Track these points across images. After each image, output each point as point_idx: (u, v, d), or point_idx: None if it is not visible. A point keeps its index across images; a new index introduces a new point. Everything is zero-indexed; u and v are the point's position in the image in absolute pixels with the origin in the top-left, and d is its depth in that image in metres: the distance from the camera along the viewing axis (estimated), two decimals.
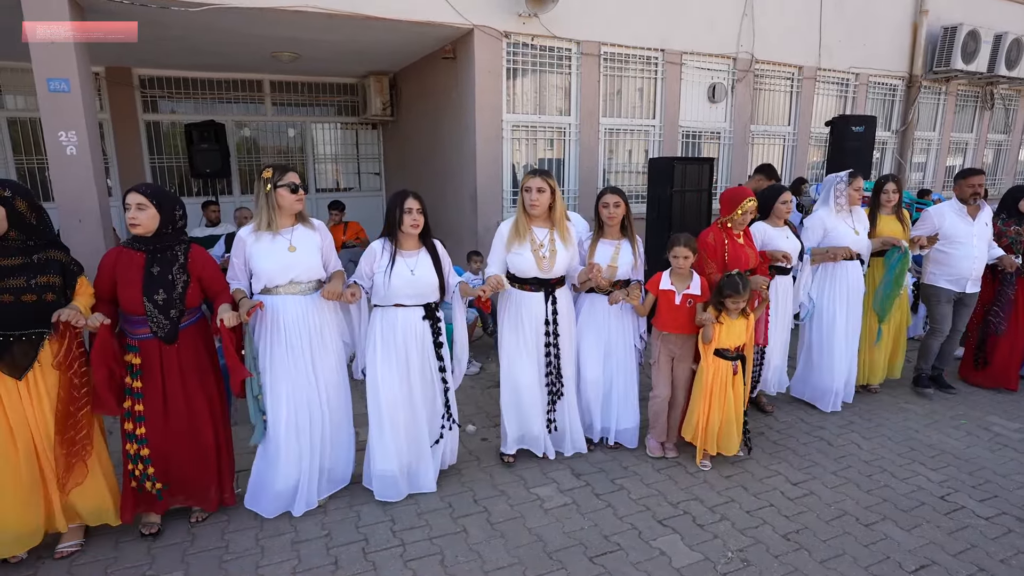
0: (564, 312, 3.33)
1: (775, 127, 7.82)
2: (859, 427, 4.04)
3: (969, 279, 4.34)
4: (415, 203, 2.92)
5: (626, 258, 3.40)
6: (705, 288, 3.39)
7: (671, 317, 3.40)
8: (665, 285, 3.41)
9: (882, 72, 8.38)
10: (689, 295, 3.37)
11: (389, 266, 2.91)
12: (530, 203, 3.14)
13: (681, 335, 3.42)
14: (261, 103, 8.37)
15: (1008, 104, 10.02)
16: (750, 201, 3.53)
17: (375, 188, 9.33)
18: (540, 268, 3.18)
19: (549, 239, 3.20)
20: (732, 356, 3.33)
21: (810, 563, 2.68)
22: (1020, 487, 3.32)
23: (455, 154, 6.48)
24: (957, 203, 4.40)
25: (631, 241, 3.44)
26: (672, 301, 3.38)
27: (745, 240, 3.67)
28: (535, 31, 5.95)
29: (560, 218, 3.23)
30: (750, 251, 3.65)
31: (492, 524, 2.93)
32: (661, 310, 3.44)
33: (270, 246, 2.81)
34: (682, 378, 3.50)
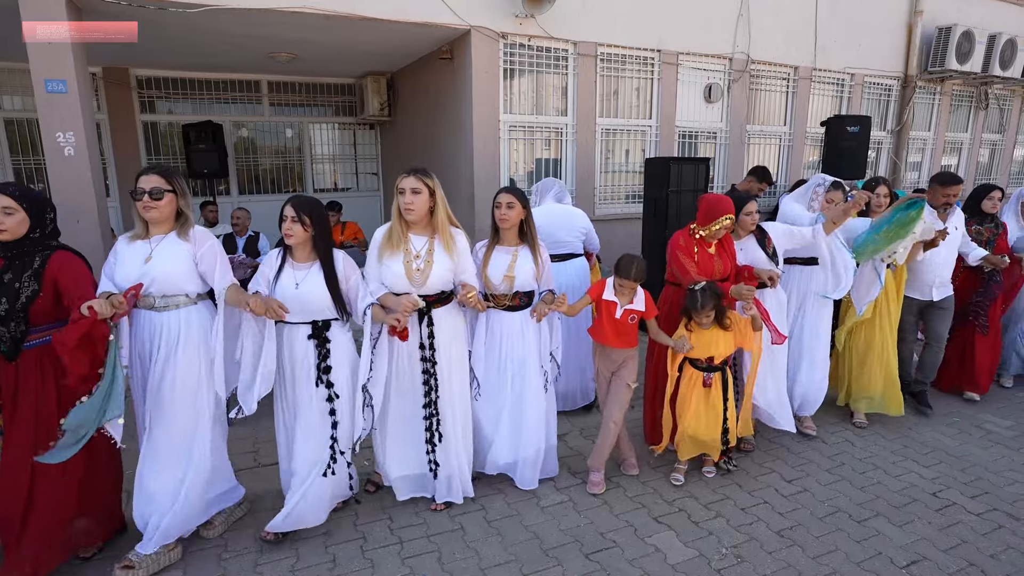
0: (446, 334, 2.90)
1: (771, 127, 7.86)
2: (852, 425, 4.07)
3: (933, 286, 4.14)
4: (291, 210, 2.59)
5: (525, 266, 3.04)
6: (650, 303, 3.17)
7: (612, 329, 3.14)
8: (609, 295, 3.15)
9: (877, 72, 8.42)
10: (632, 310, 3.12)
11: (275, 276, 2.67)
12: (404, 206, 2.75)
13: (620, 349, 3.18)
14: (259, 103, 8.38)
15: (1002, 104, 10.08)
16: (727, 219, 3.23)
17: (373, 188, 9.35)
18: (411, 281, 2.77)
19: (427, 248, 2.80)
20: (704, 366, 3.18)
21: (803, 559, 2.71)
22: (1011, 484, 3.36)
23: (452, 155, 6.51)
24: (929, 208, 4.05)
25: (532, 247, 3.08)
26: (613, 313, 3.12)
27: (718, 250, 3.37)
28: (532, 32, 5.98)
29: (442, 224, 2.82)
30: (721, 262, 3.34)
31: (489, 522, 2.96)
32: (601, 321, 3.19)
33: (130, 255, 2.52)
34: (617, 394, 3.23)
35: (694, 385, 3.21)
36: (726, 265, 3.35)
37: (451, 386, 2.96)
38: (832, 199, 3.83)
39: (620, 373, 3.22)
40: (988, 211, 4.36)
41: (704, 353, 3.16)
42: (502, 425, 3.15)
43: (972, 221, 4.37)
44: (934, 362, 4.31)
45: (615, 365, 3.22)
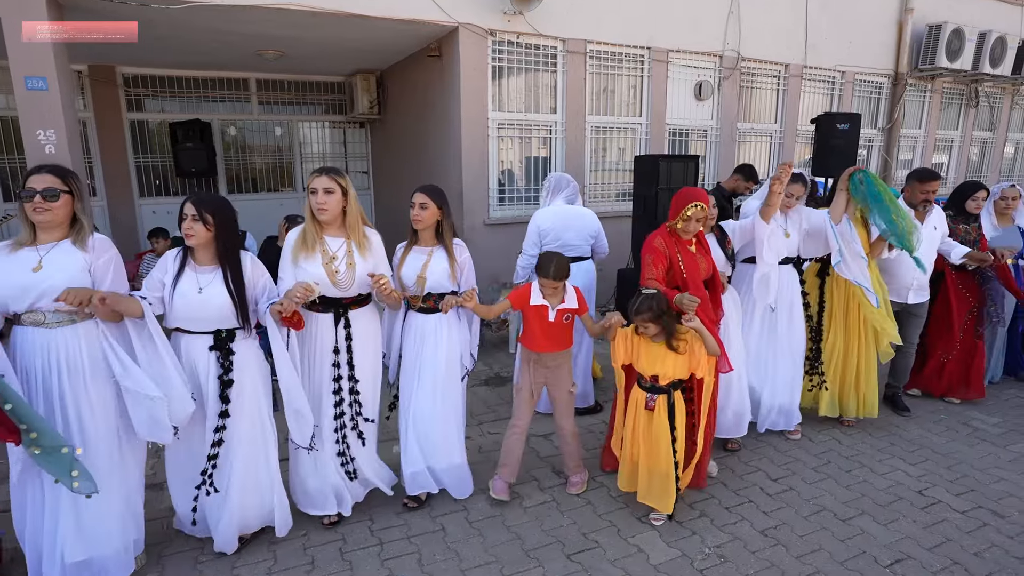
0: (363, 337, 2.83)
1: (762, 125, 7.85)
2: (838, 423, 4.05)
3: (911, 288, 4.02)
4: (191, 208, 2.40)
5: (438, 268, 2.93)
6: (581, 299, 3.06)
7: (544, 335, 3.00)
8: (536, 300, 2.99)
9: (868, 70, 8.42)
10: (565, 309, 3.00)
11: (174, 281, 2.47)
12: (317, 207, 2.65)
13: (556, 353, 3.04)
14: (247, 102, 8.31)
15: (992, 102, 10.09)
16: (694, 207, 3.00)
17: (363, 187, 9.29)
18: (335, 284, 2.69)
19: (346, 250, 2.72)
20: (648, 386, 2.89)
21: (787, 558, 2.69)
22: (996, 481, 3.35)
23: (441, 153, 6.47)
24: (905, 205, 3.96)
25: (447, 249, 2.97)
26: (545, 317, 2.97)
27: (698, 248, 3.17)
28: (520, 29, 5.94)
29: (354, 225, 2.74)
30: (704, 260, 3.16)
31: (471, 523, 2.93)
32: (532, 328, 3.03)
33: (13, 265, 2.24)
34: (562, 402, 3.11)
35: (638, 406, 2.93)
36: (708, 263, 3.19)
37: (367, 390, 2.89)
38: (792, 192, 3.65)
39: (556, 380, 3.08)
40: (972, 212, 4.25)
41: (648, 370, 2.87)
42: (411, 432, 3.01)
43: (958, 220, 4.28)
44: (905, 366, 4.23)
45: (549, 371, 3.07)
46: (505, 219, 6.27)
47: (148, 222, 7.30)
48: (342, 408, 2.81)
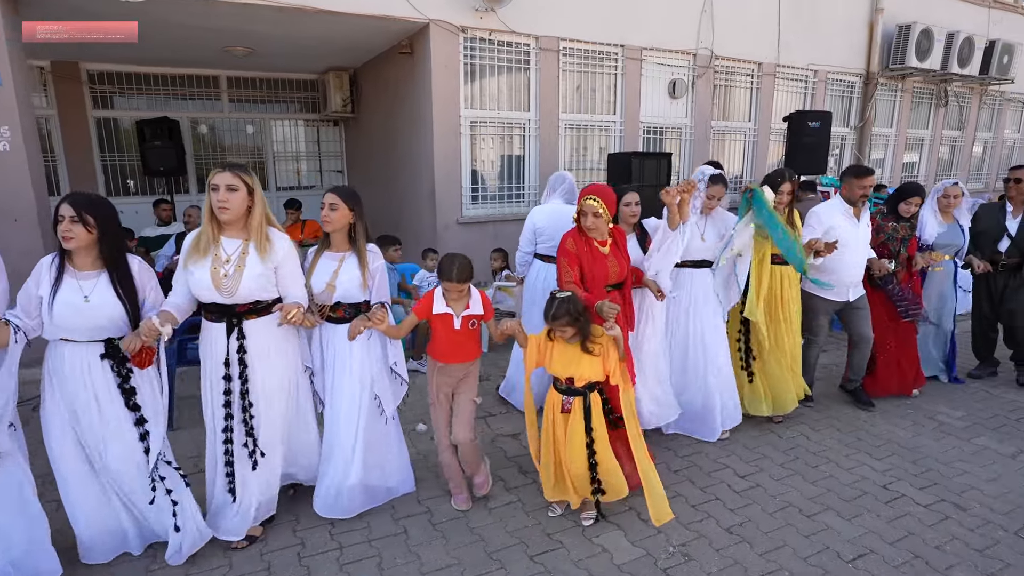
0: (263, 352, 2.57)
1: (736, 123, 7.89)
2: (808, 418, 4.07)
3: (851, 286, 4.00)
4: (69, 209, 2.23)
5: (348, 275, 2.72)
6: (487, 303, 2.87)
7: (451, 344, 2.83)
8: (440, 308, 2.81)
9: (840, 69, 8.51)
10: (471, 316, 2.82)
11: (52, 290, 2.28)
12: (218, 205, 2.41)
13: (463, 364, 2.89)
14: (218, 99, 8.18)
15: (961, 101, 10.26)
16: (586, 200, 2.93)
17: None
18: (219, 290, 2.44)
19: (239, 252, 2.48)
20: (564, 388, 2.80)
21: (750, 556, 2.68)
22: (960, 474, 3.38)
23: (413, 151, 6.40)
24: (843, 203, 3.96)
25: (359, 255, 2.76)
26: (451, 325, 2.80)
27: (613, 250, 3.05)
28: (492, 26, 5.90)
29: (258, 226, 2.50)
30: (616, 263, 3.03)
31: (434, 525, 2.88)
32: (438, 337, 2.85)
33: None
34: (463, 412, 2.92)
35: (554, 410, 2.82)
36: (621, 267, 3.06)
37: (269, 408, 2.63)
38: (713, 195, 3.60)
39: (461, 389, 2.92)
40: (903, 214, 4.17)
41: (563, 372, 2.77)
42: (335, 451, 2.85)
43: (888, 218, 4.22)
44: (862, 361, 4.20)
45: (455, 381, 2.91)
46: (479, 218, 6.23)
47: None
48: (228, 424, 2.56)
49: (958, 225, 4.42)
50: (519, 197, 6.54)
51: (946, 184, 4.39)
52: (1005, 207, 4.58)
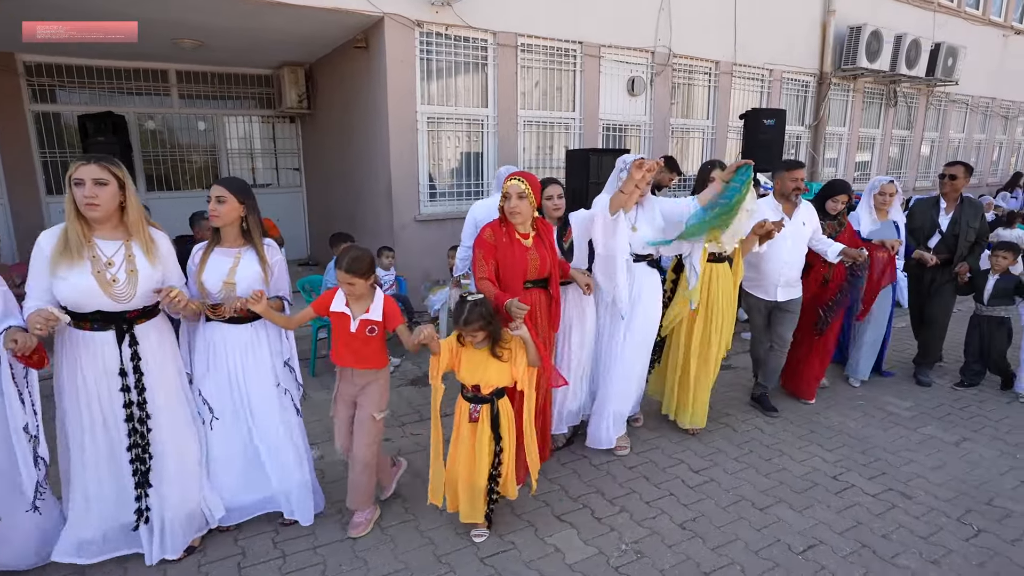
0: (156, 357, 2.42)
1: (694, 120, 7.96)
2: (762, 411, 4.10)
3: (778, 285, 3.84)
4: None
5: (248, 271, 2.57)
6: (391, 309, 2.65)
7: (347, 347, 2.64)
8: (339, 307, 2.62)
9: (795, 68, 8.67)
10: (369, 321, 2.61)
11: None
12: (86, 201, 2.20)
13: (363, 371, 2.67)
14: (167, 94, 7.87)
15: (910, 102, 10.58)
16: (514, 180, 2.79)
17: (295, 184, 8.97)
18: (111, 297, 2.26)
19: (124, 255, 2.29)
20: (471, 396, 2.65)
21: (702, 551, 2.67)
22: (907, 463, 3.44)
23: (369, 148, 6.27)
24: (773, 200, 3.87)
25: (257, 249, 2.62)
26: (347, 327, 2.61)
27: (536, 243, 2.90)
28: (449, 21, 5.81)
29: (139, 225, 2.32)
30: (537, 256, 2.87)
31: (383, 528, 2.80)
32: (336, 338, 2.66)
33: None
34: (363, 426, 2.69)
35: (462, 418, 2.68)
36: (544, 261, 2.90)
37: (171, 415, 2.50)
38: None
39: (363, 400, 2.70)
40: (829, 211, 4.12)
41: (471, 378, 2.63)
42: (236, 461, 2.70)
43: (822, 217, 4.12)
44: (776, 366, 4.09)
45: (357, 390, 2.70)
46: (436, 215, 6.13)
47: (57, 221, 6.80)
48: (134, 437, 2.40)
49: (892, 222, 4.42)
50: (478, 194, 6.46)
51: (882, 181, 4.39)
52: (939, 203, 4.63)
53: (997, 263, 4.35)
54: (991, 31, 11.70)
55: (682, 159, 7.93)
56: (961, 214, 4.51)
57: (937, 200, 4.66)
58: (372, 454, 2.72)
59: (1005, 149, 13.51)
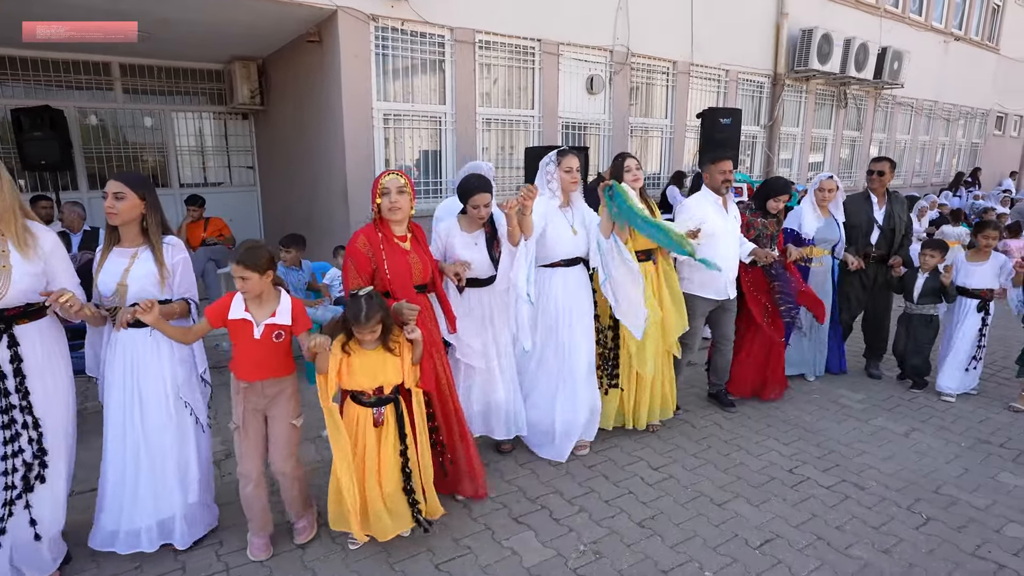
0: (40, 359, 2.28)
1: (653, 119, 8.03)
2: (720, 408, 4.13)
3: (728, 281, 3.79)
4: None
5: (143, 272, 2.39)
6: (298, 313, 2.49)
7: (251, 357, 2.43)
8: (238, 312, 2.40)
9: (750, 69, 8.83)
10: (275, 325, 2.42)
11: None
12: None
13: (271, 380, 2.47)
14: (110, 88, 7.53)
15: (859, 104, 10.92)
16: (391, 175, 2.63)
17: (248, 183, 8.70)
18: None
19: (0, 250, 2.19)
20: (373, 400, 2.50)
21: (661, 549, 2.65)
22: (859, 455, 3.50)
23: (324, 145, 6.11)
24: (710, 194, 3.76)
25: (154, 249, 2.43)
26: (250, 334, 2.40)
27: (414, 246, 2.72)
28: (404, 15, 5.70)
29: (10, 216, 2.19)
30: (418, 259, 2.72)
31: (333, 539, 2.69)
32: (237, 348, 2.45)
33: None
34: (281, 438, 2.50)
35: (363, 427, 2.50)
36: (425, 265, 2.75)
37: (55, 422, 2.33)
38: (568, 168, 3.28)
39: (274, 411, 2.50)
40: (771, 211, 4.05)
41: (371, 382, 2.47)
42: (129, 476, 2.48)
43: (758, 213, 4.08)
44: (725, 363, 4.08)
45: (266, 401, 2.48)
46: None
47: None
48: (18, 445, 2.23)
49: (834, 220, 4.45)
50: (437, 192, 6.37)
51: (821, 177, 4.42)
52: (870, 199, 4.64)
53: (925, 262, 4.36)
54: (933, 37, 12.17)
55: (642, 157, 7.99)
56: (892, 208, 4.61)
57: (868, 196, 4.68)
58: (297, 462, 2.58)
59: (947, 150, 14.08)
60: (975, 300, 4.26)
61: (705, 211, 3.67)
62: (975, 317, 4.27)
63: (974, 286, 4.26)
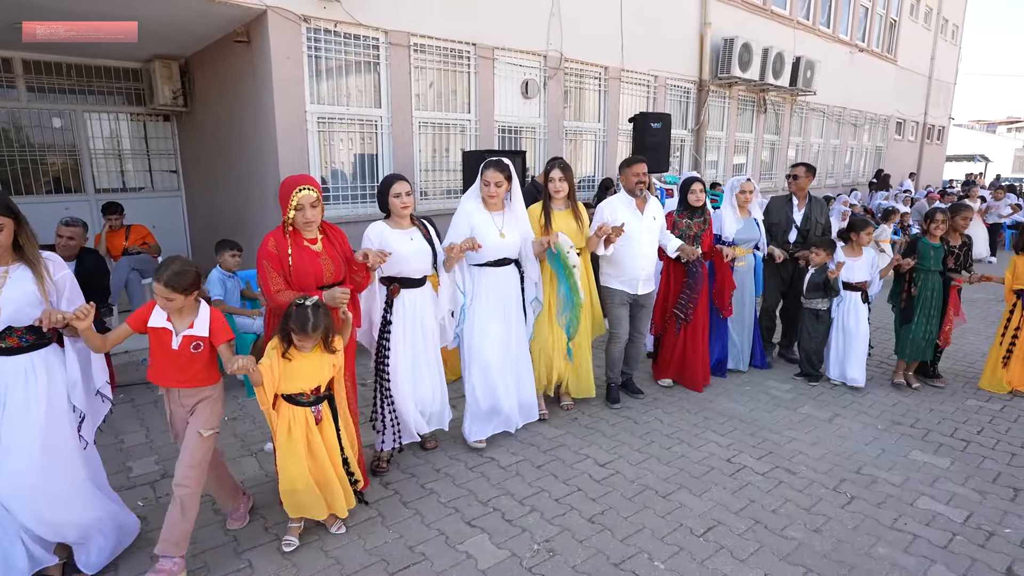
0: None
1: (586, 123, 8.21)
2: (662, 403, 4.29)
3: (640, 279, 4.03)
4: None
5: (18, 291, 2.20)
6: (217, 324, 2.44)
7: (169, 365, 2.39)
8: (158, 321, 2.37)
9: (677, 75, 9.19)
10: (193, 337, 2.39)
11: None
12: None
13: (188, 390, 2.45)
14: (11, 86, 6.98)
15: (777, 109, 11.57)
16: (301, 191, 2.61)
17: (171, 188, 8.28)
18: None
19: None
20: (310, 400, 2.57)
21: (612, 543, 2.72)
22: (790, 441, 3.72)
23: (255, 149, 5.90)
24: (626, 196, 4.01)
25: (32, 265, 2.25)
26: (168, 344, 2.37)
27: (325, 246, 2.78)
28: (337, 17, 5.59)
29: None
30: (330, 260, 2.76)
31: (284, 554, 2.61)
32: (154, 356, 2.41)
33: None
34: (188, 448, 2.42)
35: (302, 426, 2.56)
36: (337, 266, 2.79)
37: None
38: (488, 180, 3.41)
39: (192, 420, 2.46)
40: (692, 204, 4.32)
41: (309, 383, 2.54)
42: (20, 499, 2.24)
43: (683, 214, 4.35)
44: (637, 354, 4.35)
45: (185, 411, 2.47)
46: (331, 219, 5.80)
47: None
48: None
49: (753, 220, 4.68)
50: (374, 197, 6.28)
51: (740, 180, 4.65)
52: (791, 200, 4.97)
53: (812, 258, 4.58)
54: (840, 48, 13.06)
55: (575, 161, 8.16)
56: (811, 211, 4.93)
57: (790, 198, 5.01)
58: (194, 479, 2.41)
59: (855, 153, 15.12)
60: (857, 292, 4.57)
61: (618, 212, 3.88)
62: (863, 308, 4.58)
63: (855, 279, 4.56)
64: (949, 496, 3.11)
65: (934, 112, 18.93)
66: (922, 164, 19.03)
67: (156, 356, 2.41)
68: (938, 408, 4.23)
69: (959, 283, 4.49)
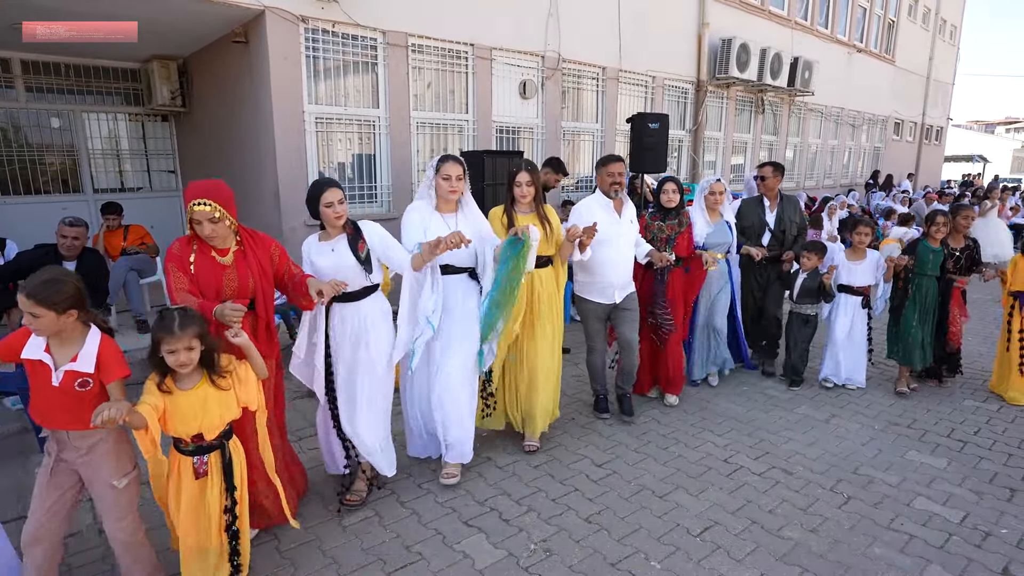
0: None
1: (584, 124, 8.23)
2: (659, 403, 4.29)
3: (616, 287, 3.72)
4: None
5: None
6: (109, 356, 2.05)
7: (49, 404, 2.03)
8: (34, 352, 2.00)
9: (675, 76, 9.20)
10: (77, 373, 2.00)
11: None
12: None
13: (79, 433, 2.06)
14: (10, 87, 6.98)
15: (775, 110, 11.59)
16: (200, 206, 2.33)
17: (170, 188, 8.27)
18: None
19: None
20: (192, 448, 2.18)
21: (608, 543, 2.73)
22: (786, 441, 3.73)
23: (254, 149, 5.91)
24: (602, 197, 3.71)
25: None
26: (48, 380, 2.00)
27: (238, 259, 2.50)
28: (335, 17, 5.60)
29: None
30: (236, 274, 2.49)
31: (281, 552, 2.62)
32: (33, 391, 2.05)
33: None
34: (106, 502, 2.14)
35: (182, 476, 2.19)
36: (244, 279, 2.49)
37: None
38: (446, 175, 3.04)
39: (92, 469, 2.11)
40: (665, 205, 4.07)
41: (189, 429, 2.13)
42: None
43: (656, 216, 4.11)
44: (631, 368, 3.95)
45: (78, 454, 2.09)
46: None
47: None
48: None
49: (725, 223, 4.42)
50: (372, 197, 6.29)
51: (710, 180, 4.38)
52: (762, 201, 4.75)
53: (803, 263, 4.52)
54: (838, 48, 13.08)
55: (573, 161, 8.18)
56: (784, 211, 4.70)
57: (760, 199, 4.77)
58: (132, 528, 2.19)
59: (853, 153, 15.14)
60: (859, 297, 4.52)
61: (594, 214, 3.58)
62: (862, 313, 4.53)
63: (857, 284, 4.51)
64: (946, 496, 3.12)
65: (932, 112, 18.97)
66: (920, 165, 19.06)
67: (35, 393, 2.01)
68: (935, 408, 4.24)
69: (962, 284, 4.42)
